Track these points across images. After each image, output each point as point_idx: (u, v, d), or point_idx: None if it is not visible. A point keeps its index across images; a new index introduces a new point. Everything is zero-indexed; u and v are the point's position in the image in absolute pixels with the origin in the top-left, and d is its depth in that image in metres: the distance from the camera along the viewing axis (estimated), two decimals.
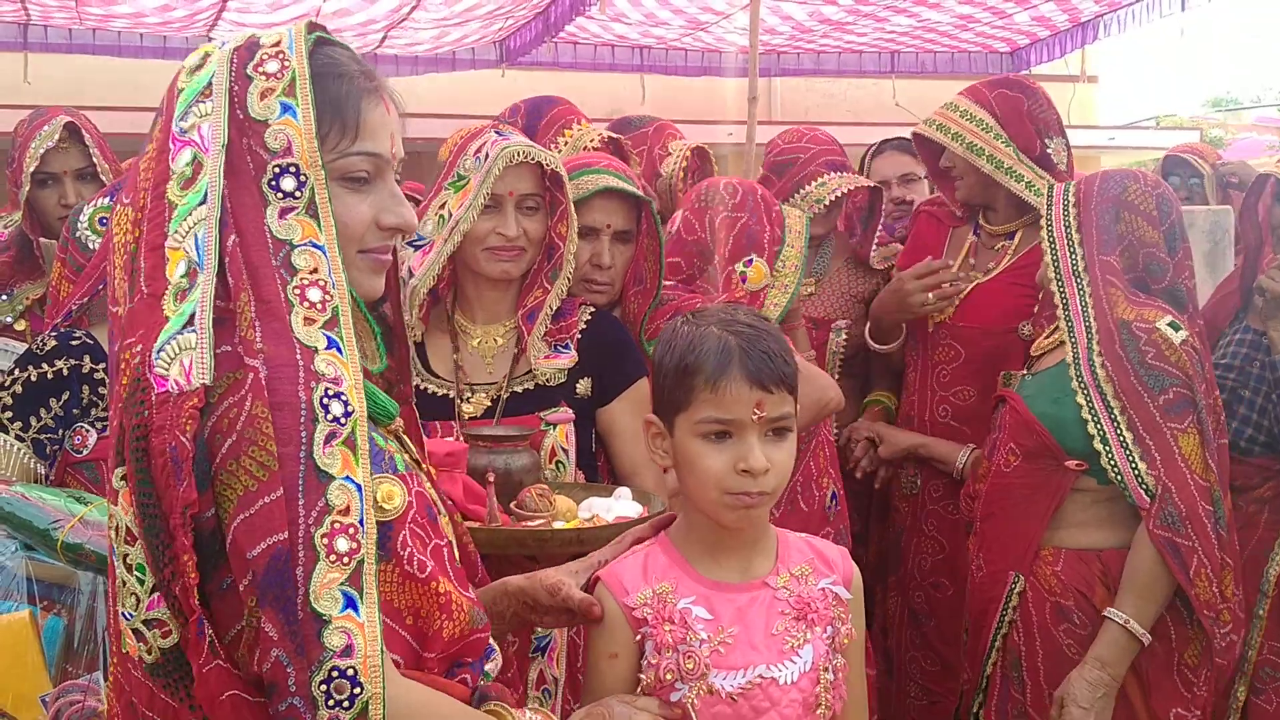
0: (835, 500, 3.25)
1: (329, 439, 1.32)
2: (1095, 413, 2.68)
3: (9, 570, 2.17)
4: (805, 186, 3.49)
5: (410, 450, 1.57)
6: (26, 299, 3.35)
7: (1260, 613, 3.05)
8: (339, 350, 1.37)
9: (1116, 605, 2.65)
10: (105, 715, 1.55)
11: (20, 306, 3.35)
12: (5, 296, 3.37)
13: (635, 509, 2.23)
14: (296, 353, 1.34)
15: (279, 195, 1.40)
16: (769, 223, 3.02)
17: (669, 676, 1.67)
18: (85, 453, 2.50)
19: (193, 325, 1.35)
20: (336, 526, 1.30)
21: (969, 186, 3.36)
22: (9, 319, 3.34)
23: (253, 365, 1.33)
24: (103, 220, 2.66)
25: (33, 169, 3.34)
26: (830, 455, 3.27)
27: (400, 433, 1.57)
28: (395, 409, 1.56)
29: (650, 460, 2.49)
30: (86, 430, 2.51)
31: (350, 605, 1.29)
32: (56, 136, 3.34)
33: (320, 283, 1.38)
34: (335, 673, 1.27)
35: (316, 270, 1.38)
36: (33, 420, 2.49)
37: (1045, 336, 2.96)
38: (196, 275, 1.37)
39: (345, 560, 1.30)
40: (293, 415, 1.32)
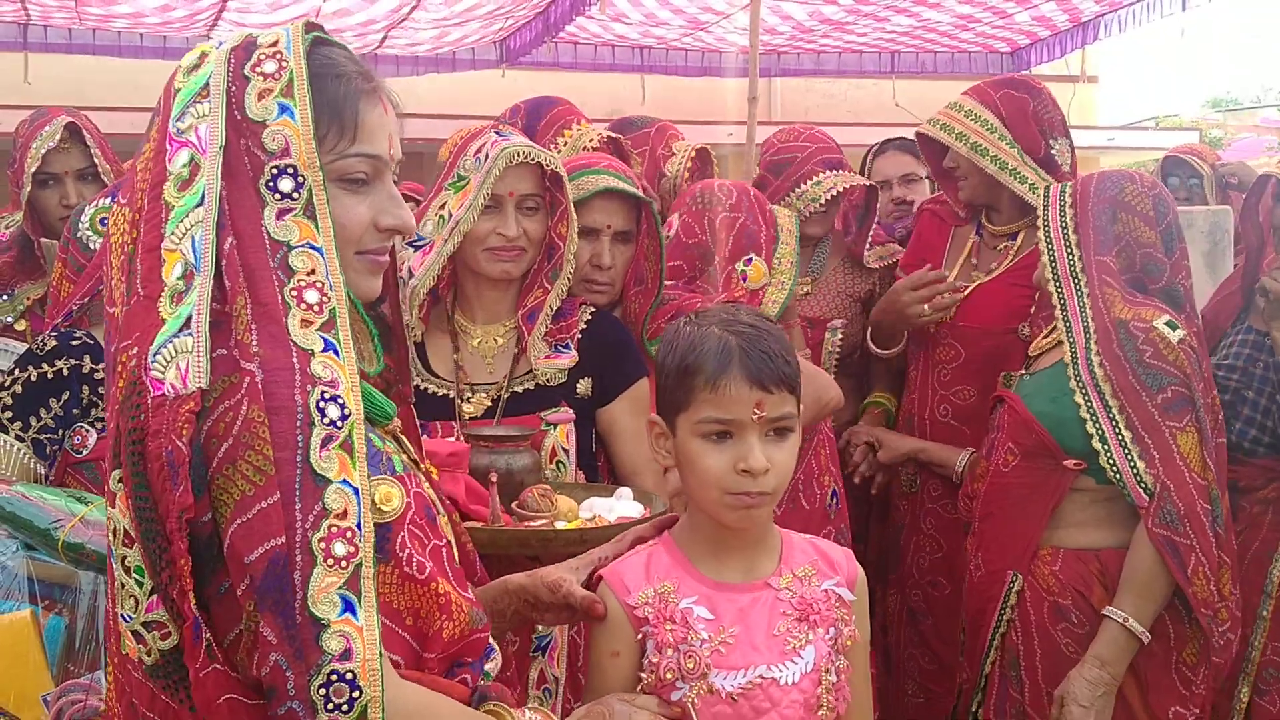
0: (836, 499, 3.25)
1: (326, 442, 1.32)
2: (1094, 412, 2.68)
3: (10, 570, 2.17)
4: (801, 185, 3.49)
5: (408, 450, 1.57)
6: (27, 299, 3.35)
7: (1264, 613, 3.04)
8: (336, 353, 1.36)
9: (1115, 604, 2.65)
10: (106, 715, 1.54)
11: (21, 306, 3.35)
12: (6, 296, 3.36)
13: (637, 509, 2.23)
14: (293, 356, 1.34)
15: (276, 196, 1.39)
16: (764, 222, 3.03)
17: (669, 675, 1.67)
18: (85, 453, 2.50)
19: (189, 328, 1.35)
20: (334, 530, 1.29)
21: (973, 187, 3.35)
22: (10, 319, 3.34)
23: (249, 369, 1.33)
24: (104, 220, 2.66)
25: (34, 169, 3.34)
26: (830, 453, 3.28)
27: (398, 433, 1.57)
28: (393, 410, 1.55)
29: (651, 460, 2.50)
30: (86, 430, 2.51)
31: (349, 609, 1.28)
32: (58, 137, 3.34)
33: (318, 284, 1.37)
34: (334, 676, 1.27)
35: (314, 272, 1.38)
36: (33, 420, 2.49)
37: (1043, 337, 2.96)
38: (193, 277, 1.36)
39: (343, 564, 1.29)
40: (289, 419, 1.31)
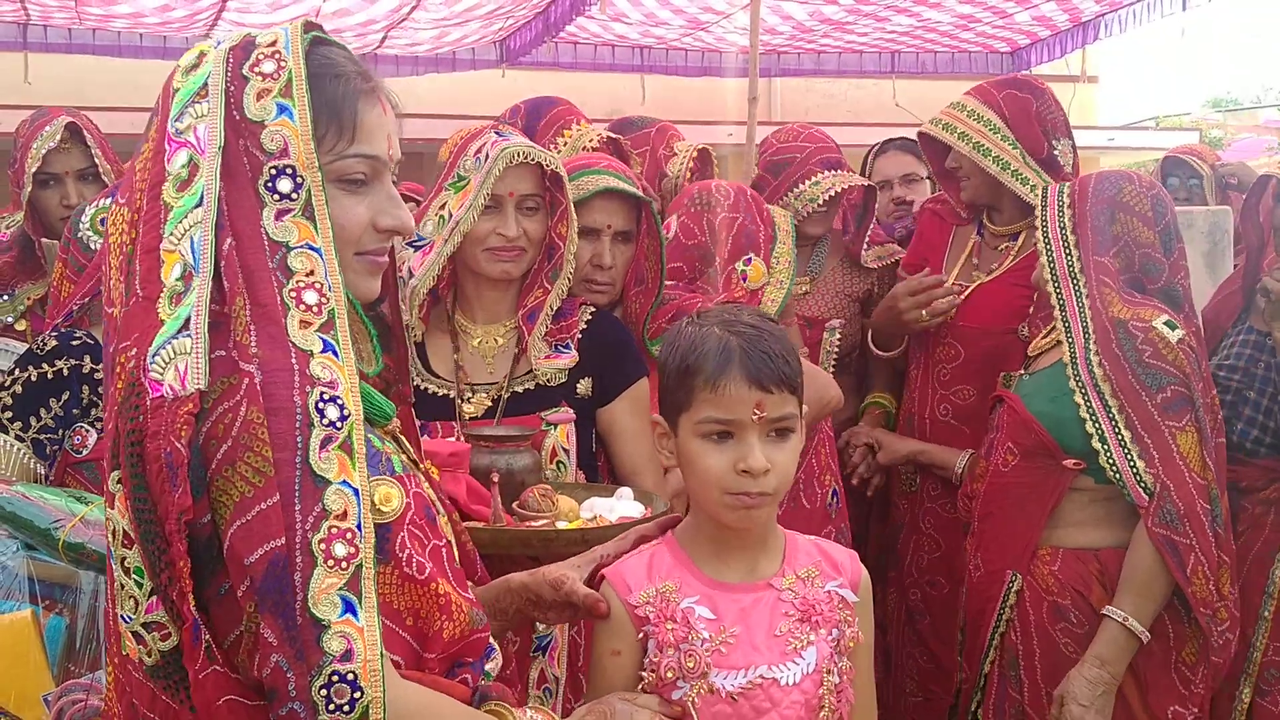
0: (836, 498, 3.25)
1: (325, 443, 1.31)
2: (1093, 411, 2.68)
3: (11, 570, 2.17)
4: (800, 185, 3.49)
5: (407, 450, 1.57)
6: (28, 299, 3.35)
7: (1266, 614, 3.03)
8: (335, 354, 1.36)
9: (1115, 603, 2.65)
10: (106, 715, 1.54)
11: (21, 306, 3.35)
12: (7, 296, 3.37)
13: (638, 509, 2.23)
14: (292, 357, 1.33)
15: (275, 197, 1.39)
16: (762, 221, 3.03)
17: (669, 674, 1.68)
18: (85, 453, 2.50)
19: (188, 330, 1.34)
20: (334, 531, 1.29)
21: (975, 187, 3.35)
22: (10, 319, 3.34)
23: (248, 370, 1.33)
24: (104, 220, 2.66)
25: (35, 169, 3.34)
26: (831, 451, 3.28)
27: (397, 433, 1.56)
28: (392, 410, 1.55)
29: (651, 460, 2.51)
30: (86, 430, 2.51)
31: (349, 610, 1.28)
32: (58, 137, 3.34)
33: (317, 285, 1.37)
34: (335, 677, 1.27)
35: (313, 273, 1.38)
36: (33, 420, 2.49)
37: (1042, 337, 2.96)
38: (192, 278, 1.36)
39: (343, 565, 1.29)
40: (288, 420, 1.31)
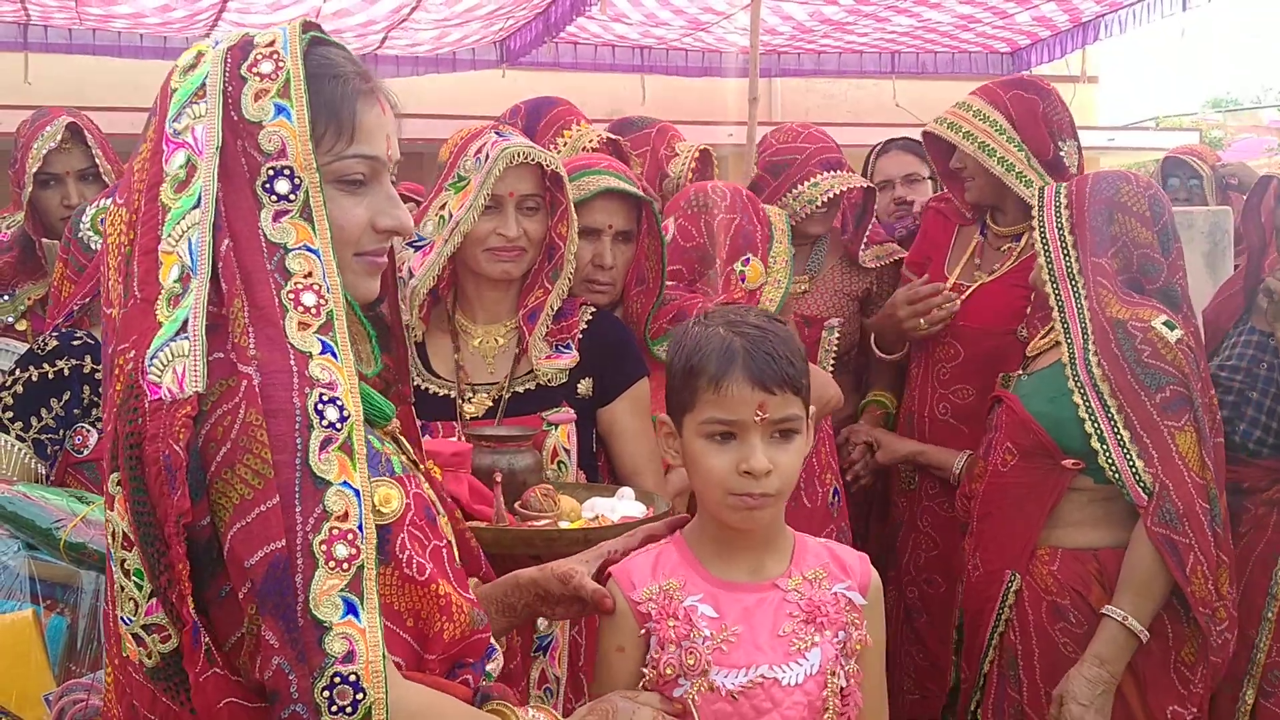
0: (837, 496, 3.26)
1: (325, 445, 1.31)
2: (1092, 411, 2.68)
3: (12, 570, 2.17)
4: (799, 186, 3.48)
5: (407, 451, 1.57)
6: (28, 299, 3.36)
7: (1269, 615, 3.03)
8: (334, 355, 1.35)
9: (1114, 603, 2.65)
10: (106, 716, 1.54)
11: (22, 306, 3.36)
12: (7, 296, 3.37)
13: (639, 509, 2.23)
14: (290, 358, 1.33)
15: (273, 198, 1.38)
16: (759, 222, 3.03)
17: (669, 671, 1.68)
18: (86, 453, 2.51)
19: (186, 332, 1.34)
20: (335, 533, 1.29)
21: (979, 188, 3.33)
22: (11, 319, 3.34)
23: (246, 372, 1.32)
24: (104, 221, 2.66)
25: (35, 169, 3.34)
26: (831, 449, 3.29)
27: (397, 433, 1.56)
28: (391, 410, 1.55)
29: (651, 460, 2.51)
30: (87, 430, 2.51)
31: (351, 611, 1.28)
32: (59, 137, 3.35)
33: (315, 287, 1.37)
34: (337, 679, 1.26)
35: (311, 274, 1.37)
36: (33, 420, 2.49)
37: (1040, 337, 2.96)
38: (190, 280, 1.36)
39: (344, 566, 1.29)
40: (287, 422, 1.30)
